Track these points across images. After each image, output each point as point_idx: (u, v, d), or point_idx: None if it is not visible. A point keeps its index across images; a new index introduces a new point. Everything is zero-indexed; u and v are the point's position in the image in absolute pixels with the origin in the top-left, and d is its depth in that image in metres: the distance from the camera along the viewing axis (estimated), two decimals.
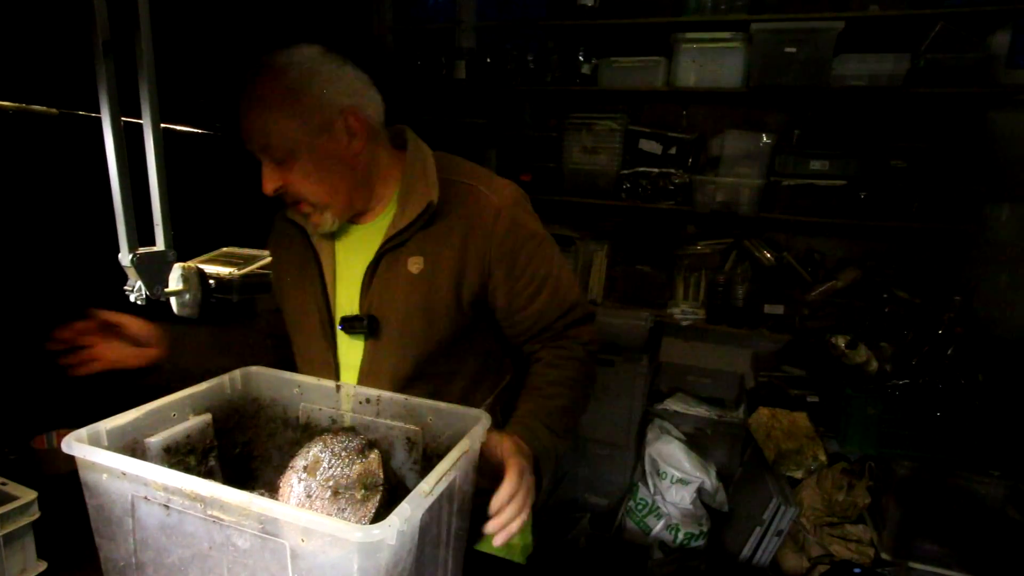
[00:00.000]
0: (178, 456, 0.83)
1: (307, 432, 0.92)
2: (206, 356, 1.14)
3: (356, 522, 0.73)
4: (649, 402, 2.67)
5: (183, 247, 0.84)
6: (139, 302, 0.80)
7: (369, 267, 1.06)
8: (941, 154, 2.30)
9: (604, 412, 2.62)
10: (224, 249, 1.02)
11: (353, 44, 2.68)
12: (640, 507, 2.50)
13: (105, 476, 0.68)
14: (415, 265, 1.05)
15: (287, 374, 0.95)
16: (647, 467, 2.50)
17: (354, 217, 1.09)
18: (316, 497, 0.75)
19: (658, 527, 2.42)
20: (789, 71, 2.30)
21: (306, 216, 1.04)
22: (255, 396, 0.97)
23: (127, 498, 0.67)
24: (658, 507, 2.44)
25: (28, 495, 0.97)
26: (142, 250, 0.77)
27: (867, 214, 2.37)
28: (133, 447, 0.78)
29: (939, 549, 1.96)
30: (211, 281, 0.88)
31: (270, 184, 0.99)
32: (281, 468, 0.83)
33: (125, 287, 0.80)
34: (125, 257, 0.76)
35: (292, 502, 0.75)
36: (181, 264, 0.84)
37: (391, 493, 0.81)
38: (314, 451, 0.80)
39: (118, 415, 0.77)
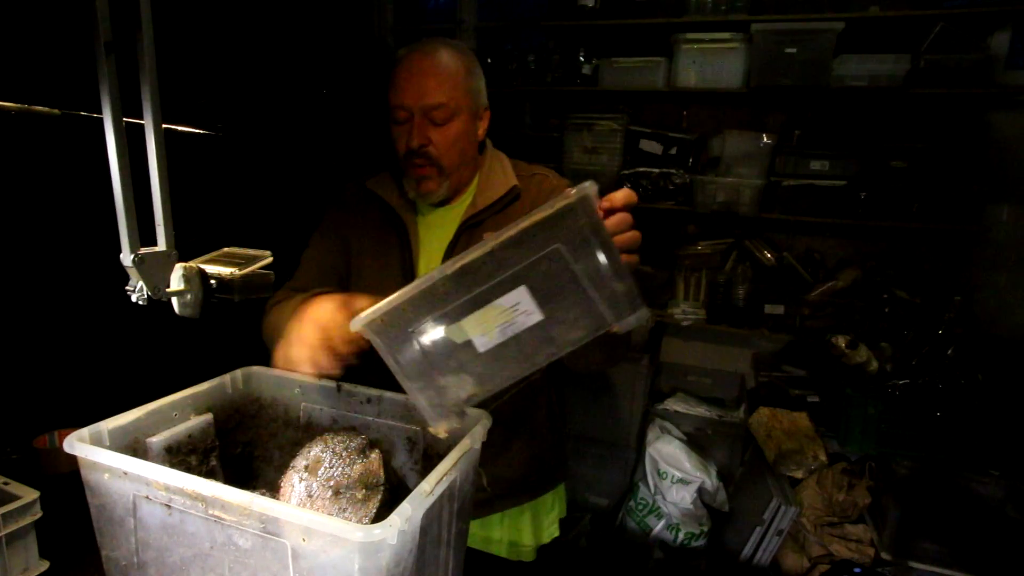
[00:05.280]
0: (179, 456, 0.83)
1: (308, 432, 0.92)
2: None
3: (357, 522, 0.73)
4: (650, 402, 2.68)
5: (184, 247, 0.84)
6: (140, 302, 0.81)
7: (450, 244, 1.17)
8: (941, 154, 2.30)
9: (604, 412, 2.62)
10: (225, 249, 1.02)
11: (353, 44, 2.68)
12: (641, 507, 2.50)
13: (107, 476, 0.68)
14: None
15: (288, 373, 0.95)
16: (647, 467, 2.50)
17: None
18: (317, 497, 0.75)
19: (658, 527, 2.42)
20: (789, 71, 2.31)
21: (423, 180, 1.13)
22: (256, 396, 0.97)
23: (129, 498, 0.67)
24: (658, 507, 2.44)
25: (30, 495, 0.97)
26: (144, 250, 0.78)
27: (867, 214, 2.37)
28: (134, 447, 0.78)
29: (939, 549, 1.96)
30: (212, 281, 0.88)
31: (421, 139, 1.10)
32: (282, 468, 0.83)
33: (127, 287, 0.81)
34: (127, 257, 0.76)
35: (293, 502, 0.75)
36: (182, 264, 0.84)
37: (392, 493, 0.81)
38: (315, 451, 0.80)
39: (119, 415, 0.77)
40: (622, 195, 0.69)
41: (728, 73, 2.43)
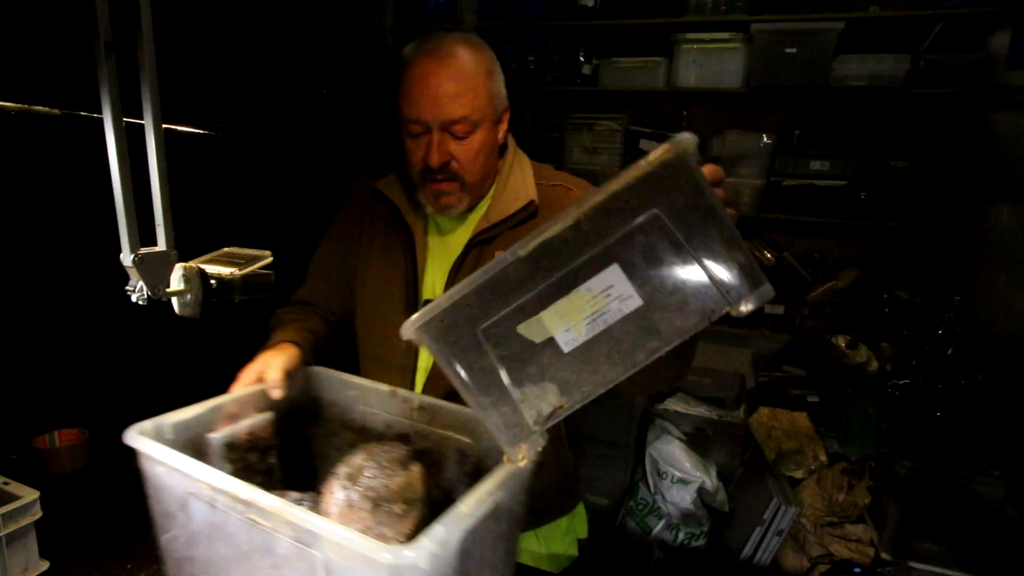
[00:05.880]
0: (239, 453, 0.82)
1: (363, 435, 0.91)
2: None
3: (393, 537, 0.71)
4: (650, 402, 2.68)
5: (184, 247, 0.84)
6: (140, 302, 0.81)
7: (456, 262, 1.08)
8: (941, 154, 2.30)
9: (604, 412, 2.62)
10: (225, 249, 1.02)
11: (353, 44, 2.68)
12: (641, 507, 2.50)
13: (162, 470, 0.69)
14: None
15: (347, 376, 0.94)
16: (648, 467, 2.50)
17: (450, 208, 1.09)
18: (356, 507, 0.72)
19: (659, 527, 2.42)
20: (789, 71, 2.30)
21: (443, 195, 1.04)
22: (315, 396, 0.96)
23: (181, 493, 0.68)
24: (659, 507, 2.44)
25: (30, 495, 0.97)
26: (144, 250, 0.78)
27: (867, 214, 2.37)
28: (196, 442, 0.78)
29: (939, 549, 1.96)
30: (212, 281, 0.88)
31: (442, 156, 1.00)
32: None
33: (127, 287, 0.81)
34: (127, 257, 0.77)
35: (333, 510, 0.73)
36: (183, 264, 0.84)
37: (434, 509, 0.76)
38: (358, 459, 0.78)
39: (182, 409, 0.78)
40: (709, 171, 0.57)
41: (728, 73, 2.42)
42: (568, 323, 0.55)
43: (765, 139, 2.49)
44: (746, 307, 0.55)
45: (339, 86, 2.51)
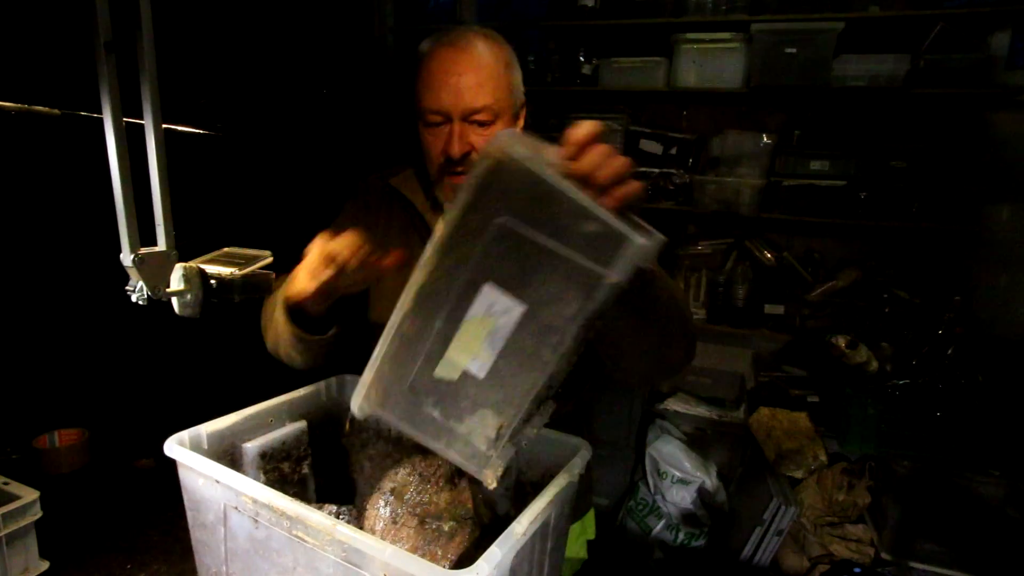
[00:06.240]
0: (273, 462, 0.82)
1: (398, 446, 0.89)
2: None
3: (442, 557, 0.70)
4: (650, 402, 2.67)
5: (184, 247, 0.84)
6: (140, 302, 0.81)
7: None
8: (941, 154, 2.30)
9: (604, 412, 2.62)
10: (225, 249, 1.01)
11: (353, 44, 2.68)
12: (641, 507, 2.50)
13: (201, 482, 0.68)
14: None
15: None
16: (648, 467, 2.50)
17: None
18: (402, 524, 0.71)
19: (658, 527, 2.42)
20: (789, 71, 2.31)
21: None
22: (349, 404, 0.96)
23: (220, 506, 0.67)
24: (659, 507, 2.44)
25: (30, 495, 0.97)
26: (144, 250, 0.78)
27: (867, 214, 2.37)
28: (231, 451, 0.78)
29: (939, 549, 1.96)
30: (212, 281, 0.88)
31: (463, 147, 0.98)
32: (372, 480, 0.81)
33: (127, 287, 0.81)
34: (127, 257, 0.76)
35: (378, 526, 0.72)
36: (182, 264, 0.84)
37: (481, 526, 0.76)
38: (402, 473, 0.76)
39: (218, 419, 0.78)
40: (582, 131, 0.54)
41: (728, 73, 2.42)
42: (471, 352, 0.58)
43: (765, 139, 2.49)
44: (619, 270, 0.52)
45: (339, 86, 2.51)
